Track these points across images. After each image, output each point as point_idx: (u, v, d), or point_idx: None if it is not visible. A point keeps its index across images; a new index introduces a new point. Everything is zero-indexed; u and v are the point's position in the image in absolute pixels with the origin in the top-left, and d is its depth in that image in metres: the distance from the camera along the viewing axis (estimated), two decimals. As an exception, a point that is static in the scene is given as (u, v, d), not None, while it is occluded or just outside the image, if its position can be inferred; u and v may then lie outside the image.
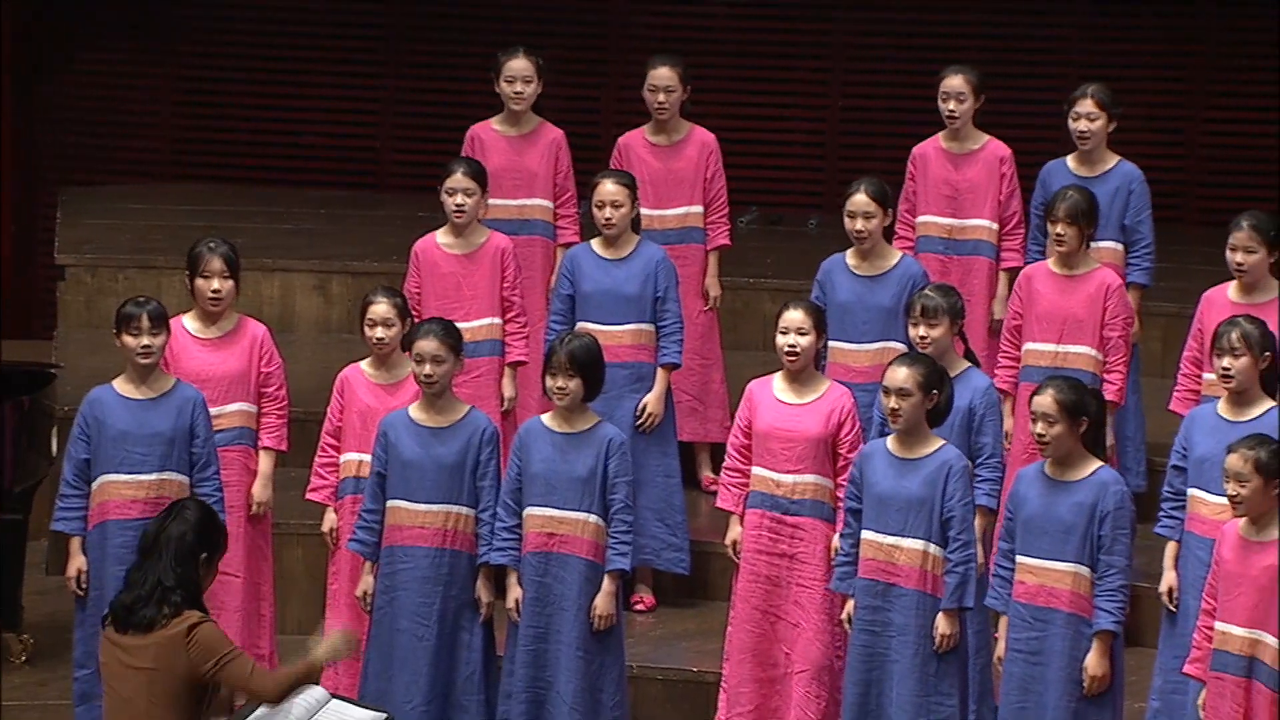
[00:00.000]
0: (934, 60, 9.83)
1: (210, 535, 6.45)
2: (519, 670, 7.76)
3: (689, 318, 9.29)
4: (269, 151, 12.52)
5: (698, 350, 9.41)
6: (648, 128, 9.50)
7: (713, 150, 9.43)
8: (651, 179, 9.41)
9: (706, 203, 9.45)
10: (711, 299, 9.45)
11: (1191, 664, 7.14)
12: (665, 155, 9.44)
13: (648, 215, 9.34)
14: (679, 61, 9.43)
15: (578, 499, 7.73)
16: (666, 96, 9.39)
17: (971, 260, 9.27)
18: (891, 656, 7.46)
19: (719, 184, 9.45)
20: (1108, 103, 9.12)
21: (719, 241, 9.47)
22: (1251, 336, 7.57)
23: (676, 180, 9.41)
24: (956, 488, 7.41)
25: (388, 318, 8.12)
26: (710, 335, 9.48)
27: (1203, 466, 7.56)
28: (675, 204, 9.43)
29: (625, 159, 9.47)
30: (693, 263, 9.43)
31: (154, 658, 6.26)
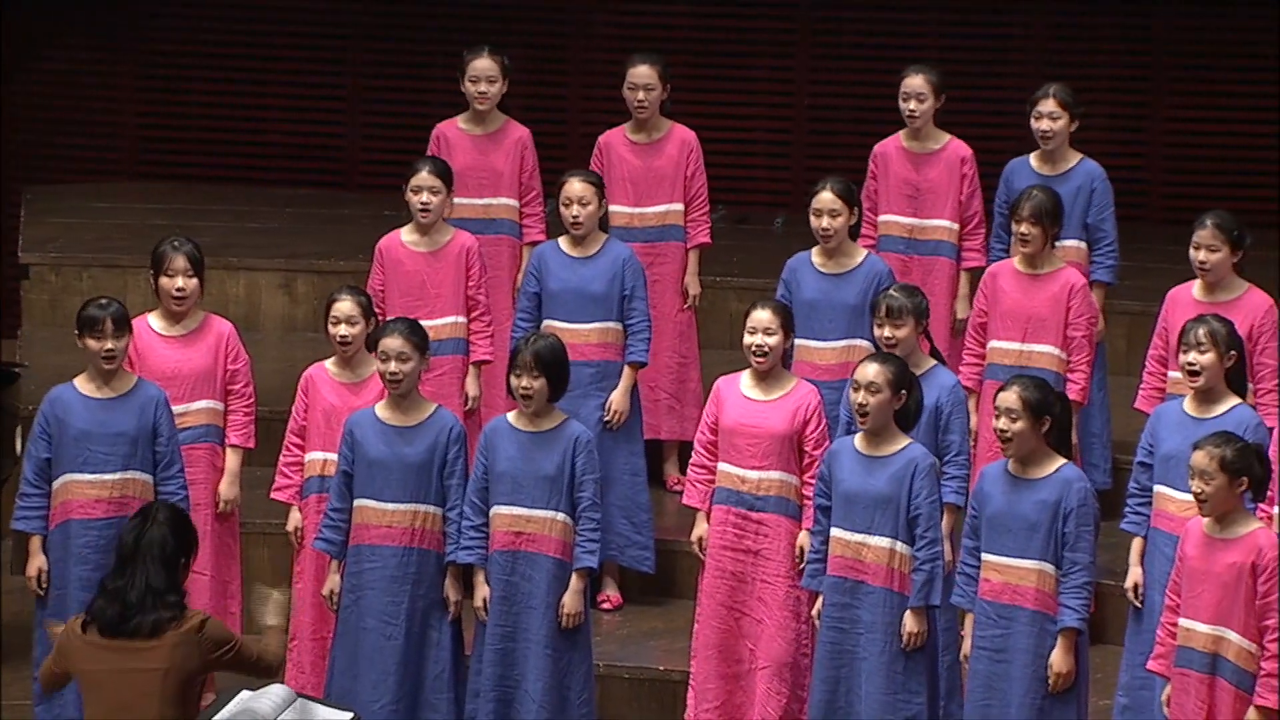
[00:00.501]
0: (898, 59, 9.85)
1: (186, 538, 6.49)
2: (487, 669, 7.76)
3: (668, 316, 9.31)
4: (234, 150, 12.50)
5: (676, 349, 9.42)
6: (628, 126, 9.51)
7: (693, 148, 9.43)
8: (632, 177, 9.42)
9: (687, 201, 9.45)
10: (691, 297, 9.46)
11: (1155, 660, 7.17)
12: (645, 153, 9.44)
13: (626, 213, 9.35)
14: (659, 60, 9.43)
15: (545, 498, 7.73)
16: (646, 94, 9.39)
17: (932, 260, 9.29)
18: (859, 654, 7.48)
19: (699, 182, 9.45)
20: (1070, 102, 9.16)
21: (699, 240, 9.48)
22: (1218, 334, 7.61)
23: (657, 178, 9.42)
24: (923, 486, 7.43)
25: (352, 315, 8.11)
26: (689, 334, 9.48)
27: (1169, 464, 7.59)
28: (655, 202, 9.43)
29: (606, 157, 9.47)
30: (672, 261, 9.43)
31: (168, 658, 6.32)
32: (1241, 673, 6.94)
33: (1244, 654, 6.94)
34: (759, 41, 12.25)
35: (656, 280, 9.35)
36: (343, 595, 7.86)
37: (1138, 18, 11.99)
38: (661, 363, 9.34)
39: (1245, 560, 6.93)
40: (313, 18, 12.49)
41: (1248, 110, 11.82)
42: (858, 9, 12.14)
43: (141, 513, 6.50)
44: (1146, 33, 11.97)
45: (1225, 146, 11.83)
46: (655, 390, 9.37)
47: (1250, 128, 11.81)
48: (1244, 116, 11.82)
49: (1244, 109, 11.83)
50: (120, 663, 6.32)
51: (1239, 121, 11.82)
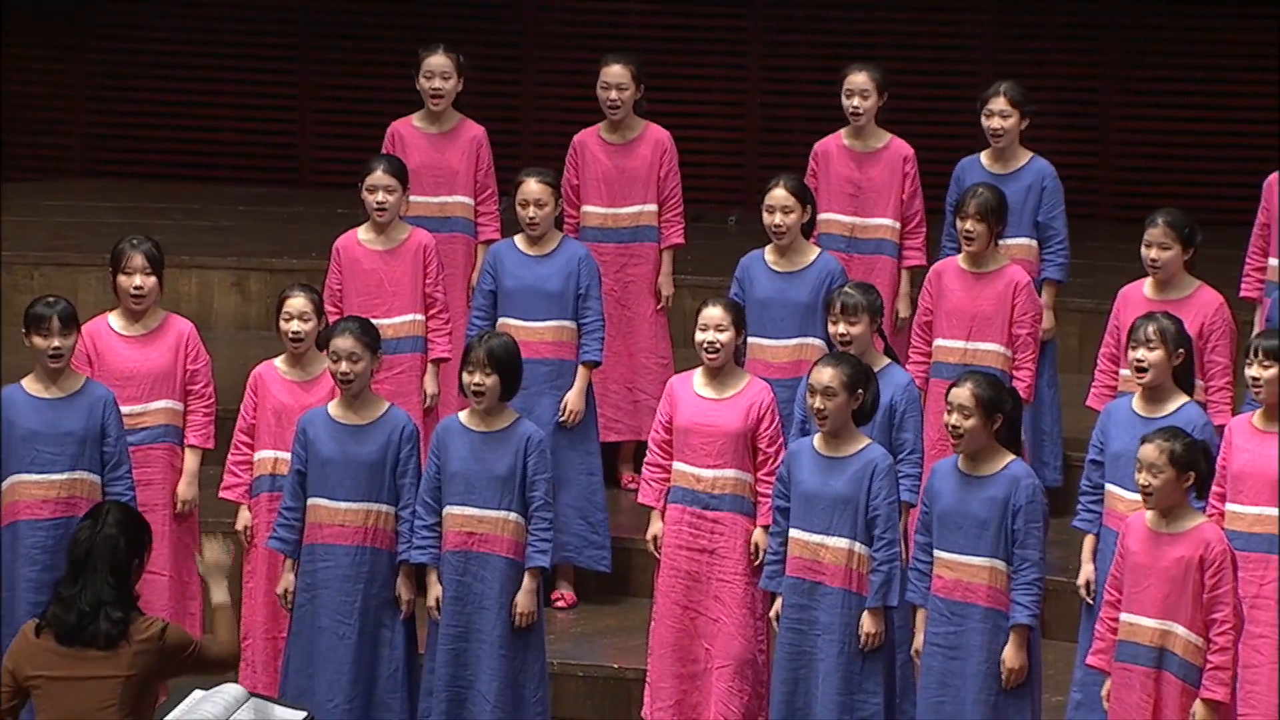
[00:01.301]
0: (850, 57, 9.88)
1: (139, 537, 6.46)
2: (439, 668, 7.76)
3: (642, 317, 9.31)
4: (185, 148, 12.47)
5: (653, 349, 9.42)
6: (602, 126, 9.50)
7: (667, 148, 9.42)
8: (605, 177, 9.41)
9: (661, 201, 9.45)
10: (664, 298, 9.46)
11: (1095, 655, 7.19)
12: (619, 154, 9.43)
13: (600, 214, 9.35)
14: (632, 59, 9.42)
15: (497, 497, 7.73)
16: (619, 94, 9.39)
17: (874, 259, 9.31)
18: (818, 655, 7.49)
19: (673, 182, 9.44)
20: (1020, 100, 9.19)
21: (673, 240, 9.47)
22: (1167, 331, 7.65)
23: (630, 179, 9.41)
24: (881, 487, 7.45)
25: (304, 311, 8.10)
26: (664, 334, 9.48)
27: (1118, 462, 7.63)
28: (629, 202, 9.43)
29: (579, 157, 9.46)
30: (646, 262, 9.43)
31: (128, 666, 6.30)
32: (1188, 666, 6.97)
33: (1191, 648, 6.97)
34: (712, 40, 12.27)
35: (631, 281, 9.36)
36: (297, 594, 7.85)
37: (1088, 16, 12.05)
38: (640, 363, 9.35)
39: (1193, 555, 6.96)
40: (265, 15, 12.46)
41: (1198, 109, 11.89)
42: (809, 7, 12.18)
43: (91, 515, 6.47)
44: (1097, 31, 12.03)
45: (1176, 145, 11.89)
46: (635, 391, 9.37)
47: (1201, 125, 11.88)
48: (1195, 115, 11.89)
49: (1195, 107, 11.90)
50: (76, 670, 6.29)
51: (1190, 120, 11.89)
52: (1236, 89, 11.83)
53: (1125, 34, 11.99)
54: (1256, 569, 7.49)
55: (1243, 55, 11.85)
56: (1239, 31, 11.87)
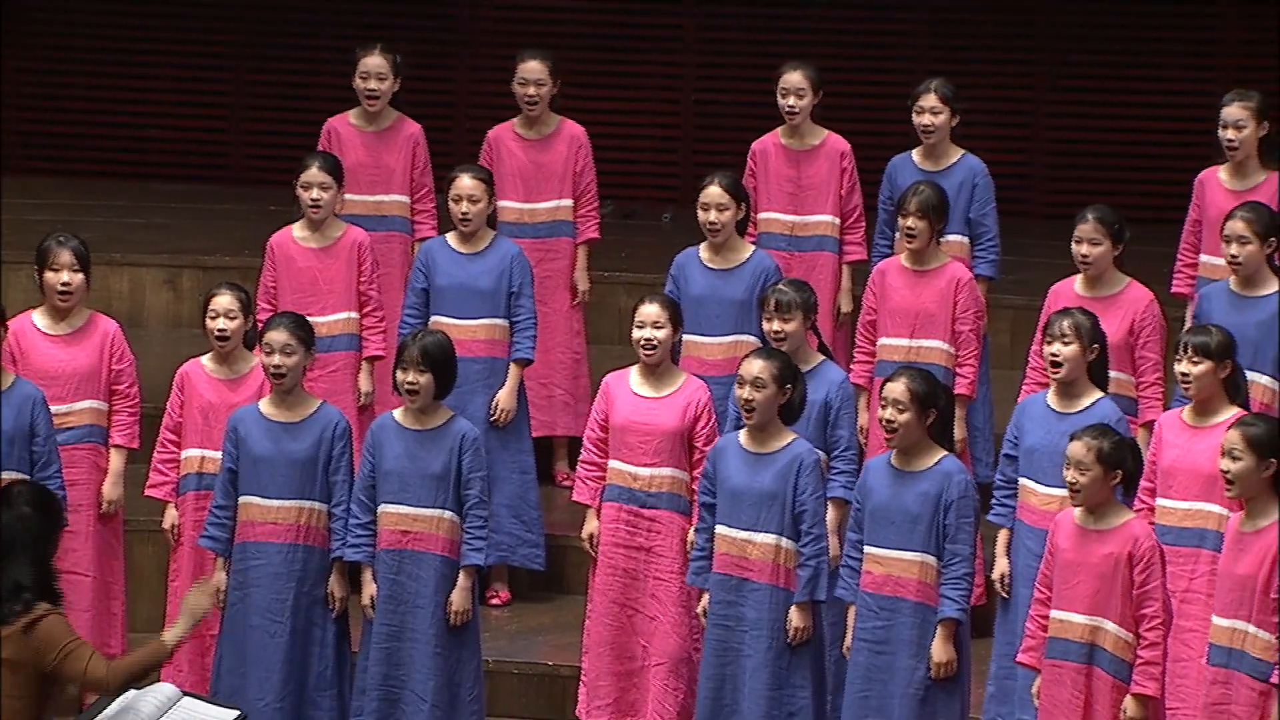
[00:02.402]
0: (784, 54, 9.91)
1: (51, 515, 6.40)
2: (373, 668, 7.74)
3: (558, 312, 9.31)
4: (117, 145, 12.40)
5: (568, 345, 9.43)
6: (517, 121, 9.50)
7: (582, 144, 9.44)
8: (521, 173, 9.41)
9: (576, 196, 9.47)
10: (580, 293, 9.47)
11: (1025, 653, 7.21)
12: (535, 149, 9.44)
13: (516, 209, 9.35)
14: (549, 55, 9.44)
15: (432, 496, 7.72)
16: (536, 90, 9.39)
17: (815, 256, 9.35)
18: (745, 651, 7.51)
19: (589, 178, 9.46)
20: (951, 97, 9.23)
21: (588, 235, 9.49)
22: (1082, 326, 7.70)
23: (546, 174, 9.42)
24: (808, 482, 7.47)
25: (230, 309, 8.08)
26: (580, 330, 9.50)
27: (1032, 456, 7.67)
28: (545, 198, 9.43)
29: (495, 152, 9.46)
30: (562, 257, 9.44)
31: (10, 651, 6.22)
32: (1119, 662, 7.01)
33: (1121, 644, 7.01)
34: (647, 37, 12.28)
35: (548, 277, 9.36)
36: (229, 593, 7.82)
37: (1020, 13, 12.10)
38: (555, 359, 9.35)
39: (1121, 551, 7.00)
40: (197, 11, 12.41)
41: (1129, 106, 11.96)
42: (743, 4, 12.19)
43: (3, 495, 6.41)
44: (1029, 28, 12.09)
45: (1106, 142, 11.96)
46: (550, 387, 9.37)
47: (1132, 123, 11.94)
48: (1125, 112, 11.96)
49: (1126, 105, 11.96)
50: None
51: (1120, 117, 11.96)
52: (1168, 86, 11.90)
53: (1057, 31, 12.05)
54: (1186, 563, 7.54)
55: (1174, 53, 11.93)
56: (1171, 30, 11.95)
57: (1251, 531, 6.88)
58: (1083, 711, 7.04)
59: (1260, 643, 6.84)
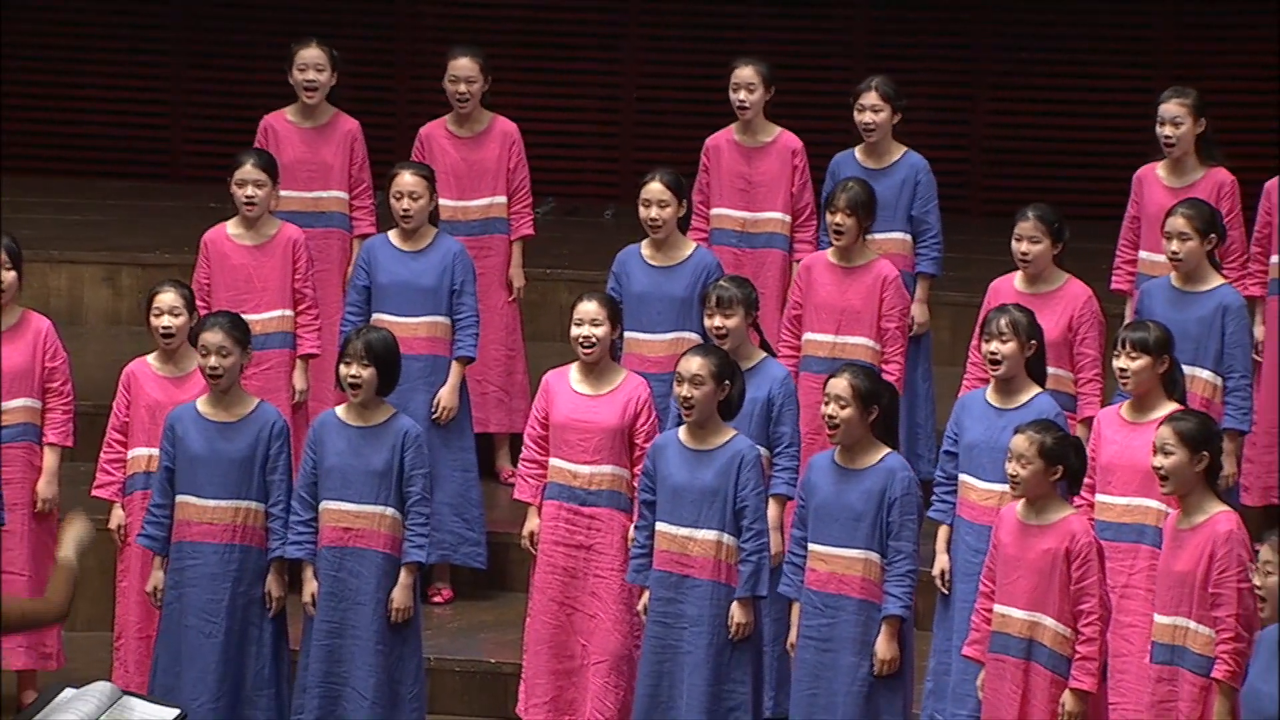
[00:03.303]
0: (724, 51, 9.93)
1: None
2: (313, 665, 7.73)
3: (494, 309, 9.30)
4: (54, 142, 12.33)
5: (503, 342, 9.43)
6: (449, 118, 9.49)
7: (515, 140, 9.44)
8: (453, 170, 9.40)
9: (509, 193, 9.46)
10: (515, 290, 9.46)
11: (970, 646, 7.24)
12: (467, 146, 9.43)
13: (450, 207, 9.33)
14: (479, 52, 9.43)
15: (374, 493, 7.70)
16: (467, 87, 9.38)
17: (765, 253, 9.36)
18: (684, 648, 7.51)
19: (522, 174, 9.46)
20: (892, 95, 9.25)
21: (522, 232, 9.49)
22: (1019, 324, 7.72)
23: (479, 171, 9.41)
24: (749, 477, 7.48)
25: (175, 306, 8.05)
26: (515, 326, 9.49)
27: (972, 453, 7.69)
28: (478, 195, 9.43)
29: (427, 150, 9.45)
30: (497, 254, 9.43)
31: None
32: (1057, 657, 7.03)
33: (1059, 639, 7.04)
34: (587, 33, 12.27)
35: (482, 274, 9.34)
36: (165, 592, 7.79)
37: (960, 11, 12.14)
38: (489, 356, 9.34)
39: (1059, 546, 7.02)
40: (135, 6, 12.35)
41: (1069, 104, 12.01)
42: (685, 1, 12.20)
43: None
44: (968, 26, 12.13)
45: (1046, 140, 12.00)
46: (484, 384, 9.36)
47: (1071, 120, 11.99)
48: (1064, 110, 12.00)
49: (1065, 103, 12.01)
50: None
51: (1060, 115, 12.01)
52: (1106, 84, 11.96)
53: (997, 30, 12.09)
54: (1126, 559, 7.57)
55: (1112, 51, 11.98)
56: (1109, 28, 12.00)
57: (1188, 528, 6.92)
58: (1021, 706, 7.06)
59: (1201, 638, 6.87)
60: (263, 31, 12.06)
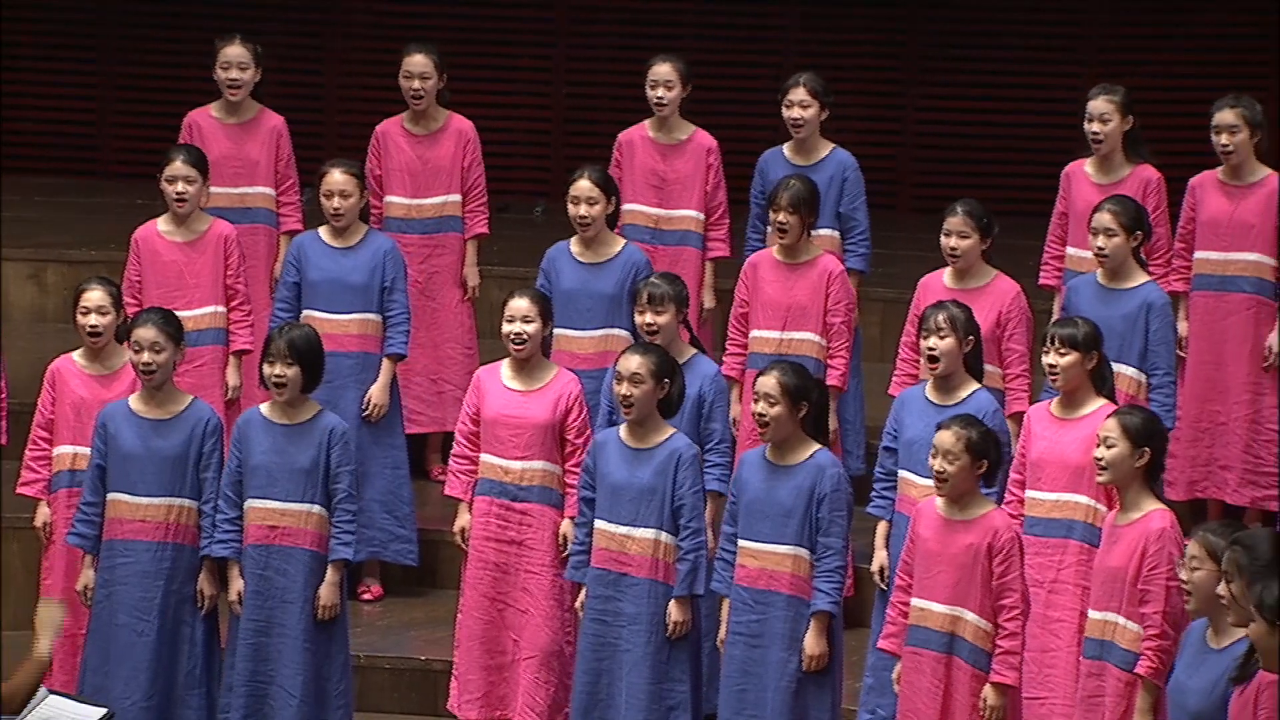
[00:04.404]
0: (655, 48, 9.92)
1: None
2: (240, 663, 7.69)
3: (448, 307, 9.28)
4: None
5: (459, 340, 9.40)
6: (405, 116, 9.46)
7: (471, 139, 9.41)
8: (409, 168, 9.37)
9: (464, 192, 9.43)
10: (470, 288, 9.44)
11: (886, 639, 7.24)
12: (422, 144, 9.40)
13: (405, 204, 9.31)
14: (434, 49, 9.40)
15: (300, 490, 7.68)
16: (421, 84, 9.36)
17: (678, 250, 9.37)
18: (622, 646, 7.51)
19: (477, 172, 9.43)
20: (820, 91, 9.27)
21: (477, 230, 9.46)
22: (957, 319, 7.75)
23: (434, 169, 9.38)
24: (687, 476, 7.48)
25: (101, 305, 8.01)
26: (470, 325, 9.46)
27: (912, 448, 7.71)
28: (433, 193, 9.39)
29: (382, 147, 9.41)
30: (451, 252, 9.40)
31: None
32: (978, 652, 7.05)
33: (980, 633, 7.05)
34: (518, 30, 12.26)
35: (436, 272, 9.33)
36: (96, 590, 7.74)
37: (889, 7, 12.17)
38: (446, 355, 9.32)
39: (981, 541, 7.04)
40: (62, 2, 12.27)
41: (997, 100, 12.06)
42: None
43: None
44: (897, 23, 12.16)
45: (975, 136, 12.05)
46: (440, 383, 9.34)
47: (1000, 117, 12.04)
48: (994, 106, 12.06)
49: (994, 99, 12.06)
50: None
51: (989, 111, 12.06)
52: (1035, 81, 12.01)
53: (925, 26, 12.13)
54: (1055, 554, 7.60)
55: (1041, 48, 12.04)
56: (1038, 25, 12.06)
57: (1124, 524, 6.95)
58: (942, 700, 7.08)
59: (1129, 634, 6.91)
60: (190, 28, 12.00)
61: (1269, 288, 8.98)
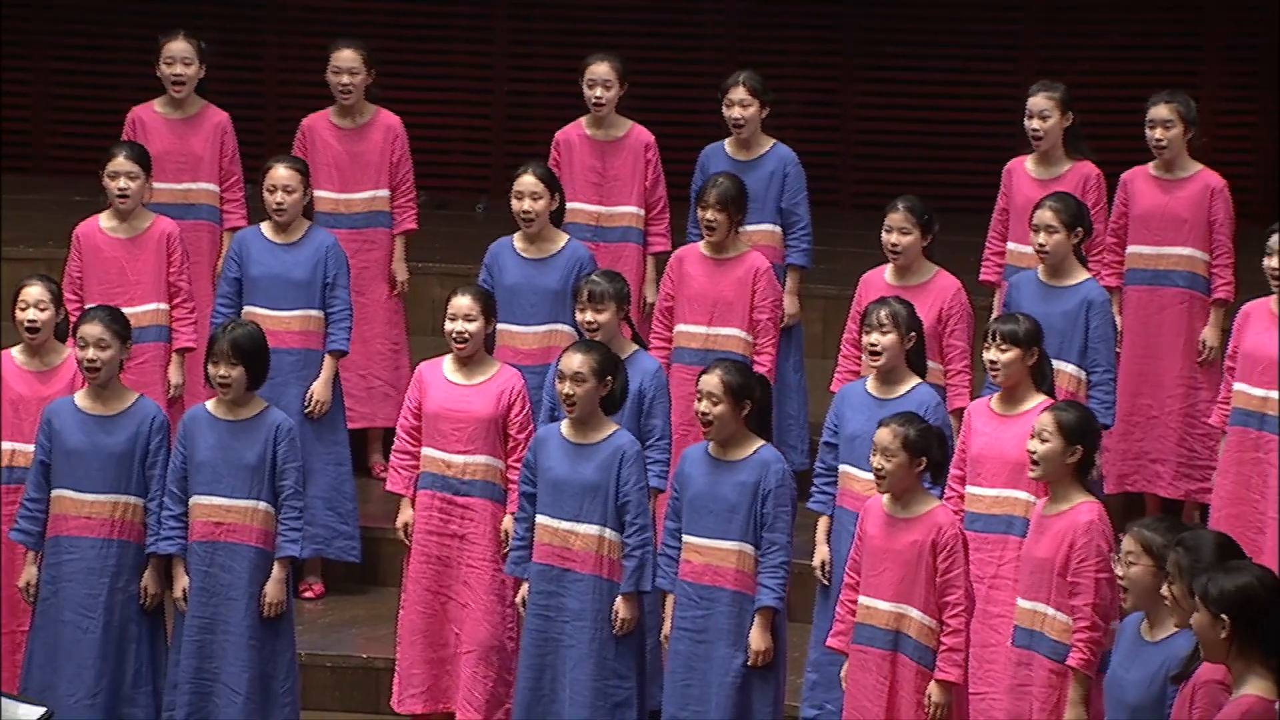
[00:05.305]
0: (595, 45, 9.93)
1: None
2: (185, 661, 7.67)
3: (377, 302, 9.26)
4: (-84, 134, 12.16)
5: (387, 335, 9.39)
6: (332, 110, 9.45)
7: (399, 134, 9.41)
8: (336, 163, 9.36)
9: (393, 187, 9.42)
10: (399, 283, 9.43)
11: (835, 637, 7.27)
12: (350, 139, 9.39)
13: (332, 199, 9.29)
14: (362, 44, 9.39)
15: (245, 487, 7.66)
16: (350, 79, 9.34)
17: (620, 247, 9.39)
18: (566, 641, 7.51)
19: (405, 168, 9.43)
20: (759, 89, 9.30)
21: (406, 226, 9.46)
22: (899, 315, 7.78)
23: (362, 164, 9.38)
24: (631, 472, 7.49)
25: (40, 301, 7.97)
26: (398, 320, 9.46)
27: (853, 443, 7.74)
28: (361, 188, 9.39)
29: (309, 141, 9.40)
30: (379, 248, 9.40)
31: None
32: (923, 649, 7.08)
33: (925, 630, 7.08)
34: (457, 26, 12.24)
35: (365, 267, 9.32)
36: (41, 587, 7.71)
37: (828, 4, 12.21)
38: (374, 350, 9.31)
39: (925, 538, 7.06)
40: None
41: (938, 97, 12.11)
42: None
43: None
44: (838, 20, 12.20)
45: (917, 133, 12.10)
46: (369, 378, 9.33)
47: (941, 114, 12.10)
48: (935, 103, 12.11)
49: (935, 96, 12.11)
50: None
51: (930, 108, 12.10)
52: (975, 78, 12.07)
53: (866, 23, 12.17)
54: (995, 550, 7.63)
55: (982, 45, 12.10)
56: (978, 22, 12.11)
57: (1052, 515, 6.99)
58: (887, 697, 7.11)
59: (1058, 625, 6.94)
60: (128, 23, 11.94)
61: (1201, 282, 9.06)
